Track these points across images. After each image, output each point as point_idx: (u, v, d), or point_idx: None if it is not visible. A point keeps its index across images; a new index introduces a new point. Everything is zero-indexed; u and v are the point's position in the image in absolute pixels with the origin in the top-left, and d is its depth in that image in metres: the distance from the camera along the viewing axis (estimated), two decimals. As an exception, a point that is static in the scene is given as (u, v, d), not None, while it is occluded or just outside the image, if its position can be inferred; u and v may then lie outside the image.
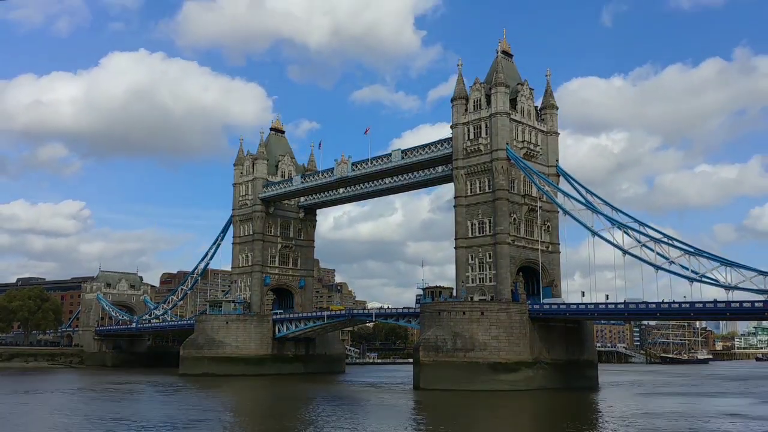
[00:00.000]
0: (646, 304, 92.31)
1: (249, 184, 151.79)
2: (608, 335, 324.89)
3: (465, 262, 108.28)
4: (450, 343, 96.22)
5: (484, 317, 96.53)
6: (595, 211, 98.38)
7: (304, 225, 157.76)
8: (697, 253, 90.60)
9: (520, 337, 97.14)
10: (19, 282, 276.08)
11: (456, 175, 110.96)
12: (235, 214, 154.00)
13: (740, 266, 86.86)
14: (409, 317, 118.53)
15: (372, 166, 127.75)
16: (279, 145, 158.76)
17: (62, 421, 61.23)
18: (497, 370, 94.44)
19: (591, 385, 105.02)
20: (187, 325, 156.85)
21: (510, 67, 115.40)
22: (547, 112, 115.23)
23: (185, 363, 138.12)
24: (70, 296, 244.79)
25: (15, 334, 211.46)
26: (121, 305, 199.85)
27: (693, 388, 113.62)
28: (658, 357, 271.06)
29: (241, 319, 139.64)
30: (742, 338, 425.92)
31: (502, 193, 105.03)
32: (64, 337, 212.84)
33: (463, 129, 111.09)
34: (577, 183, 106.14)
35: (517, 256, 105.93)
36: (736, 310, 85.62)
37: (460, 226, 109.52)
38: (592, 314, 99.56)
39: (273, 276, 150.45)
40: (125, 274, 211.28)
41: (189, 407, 73.98)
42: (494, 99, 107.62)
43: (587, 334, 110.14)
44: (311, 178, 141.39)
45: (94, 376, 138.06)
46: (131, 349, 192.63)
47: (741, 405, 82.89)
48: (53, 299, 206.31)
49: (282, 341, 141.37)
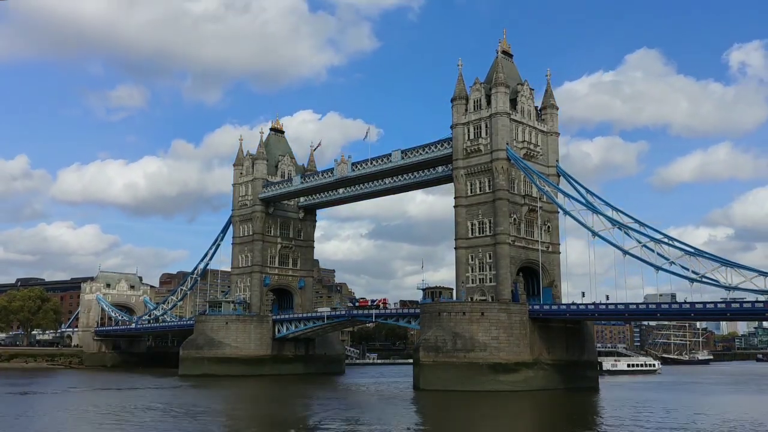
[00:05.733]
0: (646, 304, 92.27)
1: (249, 185, 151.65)
2: (608, 336, 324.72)
3: (465, 262, 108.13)
4: (450, 344, 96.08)
5: (484, 318, 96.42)
6: (595, 212, 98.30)
7: (304, 225, 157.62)
8: (697, 254, 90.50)
9: (520, 338, 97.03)
10: (18, 282, 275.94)
11: (456, 176, 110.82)
12: (235, 214, 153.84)
13: (740, 266, 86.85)
14: (409, 317, 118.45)
15: (372, 166, 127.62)
16: (279, 145, 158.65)
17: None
18: (497, 370, 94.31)
19: (591, 386, 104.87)
20: (186, 325, 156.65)
21: (510, 67, 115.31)
22: (547, 112, 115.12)
23: (185, 363, 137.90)
24: (69, 297, 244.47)
25: (15, 334, 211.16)
26: (120, 306, 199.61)
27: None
28: (658, 358, 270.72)
29: (240, 320, 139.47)
30: (742, 339, 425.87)
31: (502, 193, 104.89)
32: (63, 337, 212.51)
33: (463, 129, 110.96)
34: (577, 183, 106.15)
35: (517, 257, 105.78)
36: (736, 310, 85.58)
37: (460, 226, 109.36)
38: (592, 314, 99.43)
39: (273, 276, 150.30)
40: (125, 275, 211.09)
41: (188, 408, 73.81)
42: (494, 99, 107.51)
43: (587, 334, 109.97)
44: (311, 178, 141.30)
45: (92, 376, 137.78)
46: (131, 350, 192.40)
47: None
48: (53, 299, 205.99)
49: (282, 342, 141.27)
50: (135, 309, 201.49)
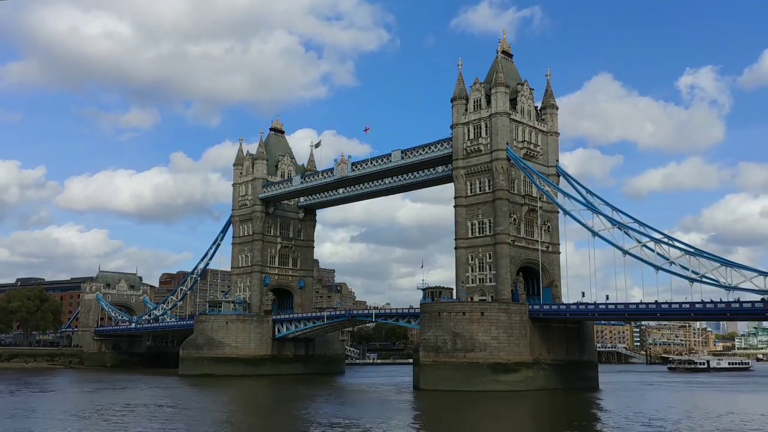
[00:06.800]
0: (646, 304, 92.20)
1: (249, 184, 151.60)
2: (608, 336, 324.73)
3: (465, 262, 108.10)
4: (450, 344, 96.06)
5: (484, 318, 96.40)
6: (595, 211, 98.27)
7: (304, 225, 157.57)
8: (697, 254, 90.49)
9: (520, 338, 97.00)
10: (18, 282, 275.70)
11: (456, 176, 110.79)
12: (235, 214, 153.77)
13: (740, 266, 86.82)
14: (409, 317, 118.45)
15: (372, 167, 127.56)
16: (279, 145, 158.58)
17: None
18: (497, 370, 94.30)
19: (591, 386, 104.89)
20: (186, 325, 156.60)
21: (510, 67, 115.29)
22: (547, 112, 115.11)
23: (185, 363, 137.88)
24: (69, 296, 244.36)
25: (14, 334, 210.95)
26: (120, 305, 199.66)
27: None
28: (658, 357, 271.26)
29: (240, 320, 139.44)
30: (742, 339, 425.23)
31: (502, 193, 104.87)
32: (63, 337, 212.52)
33: (463, 129, 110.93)
34: (577, 183, 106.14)
35: (517, 257, 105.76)
36: (736, 310, 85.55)
37: (460, 226, 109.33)
38: (592, 314, 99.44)
39: (272, 276, 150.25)
40: (125, 275, 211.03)
41: (187, 409, 73.79)
42: (494, 99, 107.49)
43: (587, 334, 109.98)
44: (311, 178, 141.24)
45: (92, 376, 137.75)
46: (130, 350, 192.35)
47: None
48: (53, 299, 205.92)
49: (282, 342, 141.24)
50: (135, 309, 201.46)
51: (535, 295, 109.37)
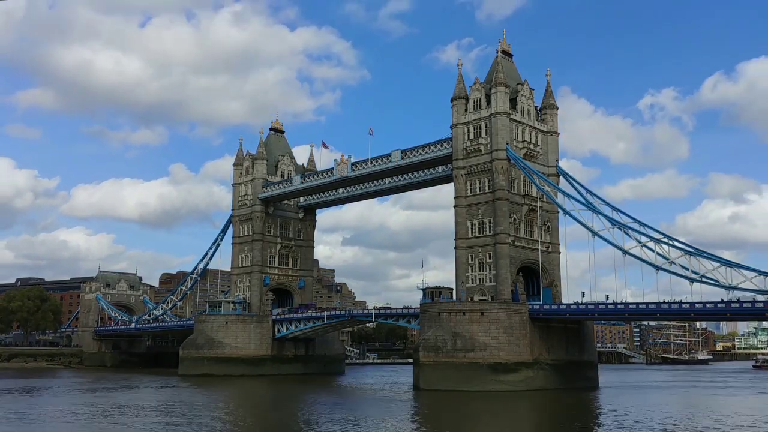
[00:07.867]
0: (646, 304, 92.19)
1: (248, 184, 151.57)
2: (608, 336, 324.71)
3: (465, 262, 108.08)
4: (450, 344, 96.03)
5: (484, 317, 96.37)
6: (595, 211, 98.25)
7: (304, 225, 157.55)
8: (697, 254, 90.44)
9: (520, 338, 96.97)
10: (18, 282, 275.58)
11: (456, 175, 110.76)
12: (235, 214, 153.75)
13: (740, 266, 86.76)
14: (409, 317, 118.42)
15: (372, 167, 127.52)
16: (278, 145, 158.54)
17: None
18: (497, 370, 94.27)
19: (591, 386, 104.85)
20: (186, 325, 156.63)
21: (510, 67, 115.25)
22: (547, 112, 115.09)
23: (184, 363, 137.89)
24: (69, 296, 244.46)
25: (14, 334, 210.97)
26: (120, 305, 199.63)
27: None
28: (658, 357, 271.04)
29: (240, 320, 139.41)
30: (742, 339, 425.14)
31: (502, 193, 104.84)
32: (63, 337, 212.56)
33: (463, 129, 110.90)
34: (577, 183, 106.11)
35: (517, 257, 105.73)
36: (736, 310, 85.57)
37: (460, 226, 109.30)
38: (592, 314, 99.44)
39: (272, 276, 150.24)
40: (125, 275, 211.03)
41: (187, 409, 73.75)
42: (494, 99, 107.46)
43: (587, 334, 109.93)
44: (311, 178, 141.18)
45: (92, 376, 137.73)
46: (130, 350, 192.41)
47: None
48: (53, 299, 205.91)
49: (282, 342, 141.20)
50: (135, 309, 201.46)
51: (535, 295, 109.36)
